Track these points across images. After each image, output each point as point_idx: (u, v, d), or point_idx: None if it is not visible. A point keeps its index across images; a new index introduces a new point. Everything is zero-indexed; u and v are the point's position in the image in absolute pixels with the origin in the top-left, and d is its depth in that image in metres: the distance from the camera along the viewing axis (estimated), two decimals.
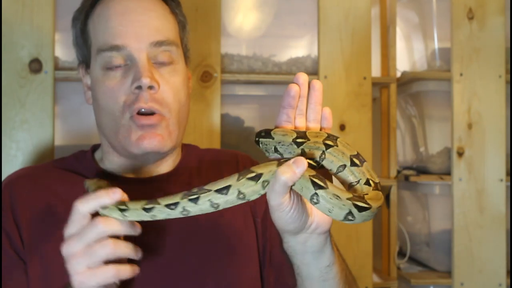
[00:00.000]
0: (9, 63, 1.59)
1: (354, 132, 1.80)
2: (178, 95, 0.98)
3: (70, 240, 0.75)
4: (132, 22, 0.95)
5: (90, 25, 1.00)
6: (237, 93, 1.90)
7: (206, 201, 0.72)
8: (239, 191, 0.71)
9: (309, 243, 0.82)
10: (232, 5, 1.88)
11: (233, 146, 1.89)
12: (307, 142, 0.75)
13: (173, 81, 0.98)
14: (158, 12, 0.99)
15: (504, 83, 1.90)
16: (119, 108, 0.95)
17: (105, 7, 0.98)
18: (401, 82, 2.04)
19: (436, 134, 2.05)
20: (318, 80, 0.80)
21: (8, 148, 1.59)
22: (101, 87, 0.97)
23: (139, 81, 0.92)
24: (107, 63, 0.96)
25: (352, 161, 0.74)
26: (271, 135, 0.78)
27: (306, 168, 0.69)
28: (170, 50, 0.98)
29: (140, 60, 0.94)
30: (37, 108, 1.60)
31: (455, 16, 1.89)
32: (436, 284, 1.94)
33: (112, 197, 0.75)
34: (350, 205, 0.68)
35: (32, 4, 1.60)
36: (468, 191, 1.89)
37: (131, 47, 0.94)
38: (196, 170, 1.08)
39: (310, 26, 1.88)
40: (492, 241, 1.88)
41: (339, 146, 0.75)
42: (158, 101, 0.95)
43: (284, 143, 0.76)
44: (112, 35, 0.95)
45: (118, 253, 0.75)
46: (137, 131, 0.94)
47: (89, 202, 0.75)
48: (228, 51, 1.86)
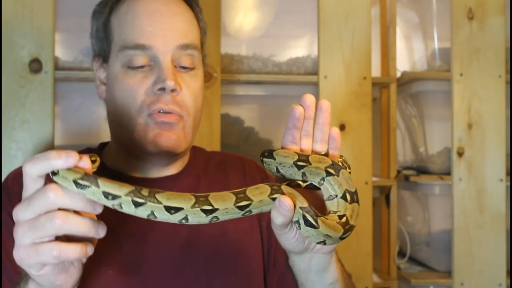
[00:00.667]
0: (9, 63, 1.59)
1: (354, 132, 1.80)
2: (196, 100, 0.99)
3: (19, 205, 0.67)
4: (160, 24, 0.96)
5: (115, 21, 1.00)
6: (237, 93, 1.90)
7: (147, 210, 0.66)
8: (185, 216, 0.68)
9: (314, 262, 0.83)
10: (232, 5, 1.88)
11: (233, 146, 1.89)
12: (308, 166, 0.75)
13: (193, 86, 0.99)
14: (185, 16, 1.00)
15: (504, 83, 1.90)
16: (137, 107, 0.95)
17: (133, 6, 0.98)
18: (401, 82, 2.04)
19: (436, 134, 2.05)
20: (326, 100, 0.78)
21: (8, 148, 1.59)
22: (120, 84, 0.97)
23: (163, 83, 0.93)
24: (130, 61, 0.96)
25: (344, 195, 0.74)
26: (273, 156, 0.78)
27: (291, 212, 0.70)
28: (193, 54, 0.99)
29: (165, 62, 0.95)
30: (37, 108, 1.60)
31: (455, 16, 1.89)
32: (436, 284, 1.94)
33: (65, 160, 0.63)
34: (337, 239, 0.72)
35: (32, 4, 1.60)
36: (468, 191, 1.89)
37: (157, 48, 0.95)
38: (203, 172, 1.09)
39: (310, 26, 1.88)
40: (492, 241, 1.88)
41: (339, 176, 0.74)
42: (178, 104, 0.95)
43: (285, 164, 0.76)
44: (138, 34, 0.95)
45: (68, 230, 0.64)
46: (155, 128, 0.95)
47: (37, 163, 0.65)
48: (228, 51, 1.86)
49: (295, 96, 1.97)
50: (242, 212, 0.70)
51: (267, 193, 0.71)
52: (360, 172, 1.80)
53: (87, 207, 0.65)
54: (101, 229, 0.68)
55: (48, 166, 0.64)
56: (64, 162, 0.63)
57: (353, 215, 0.74)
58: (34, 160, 0.65)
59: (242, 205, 0.70)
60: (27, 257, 0.65)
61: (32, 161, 0.65)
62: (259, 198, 0.70)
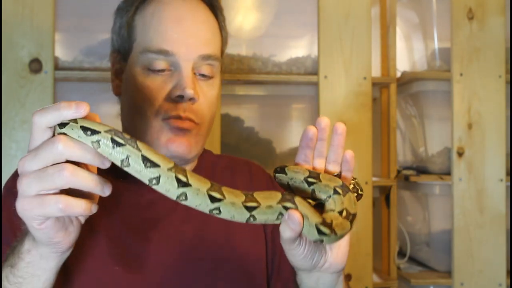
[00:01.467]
0: (9, 63, 1.59)
1: (354, 132, 1.80)
2: (212, 108, 1.00)
3: (27, 156, 0.64)
4: (184, 31, 0.96)
5: (139, 21, 0.99)
6: (237, 93, 1.90)
7: (123, 154, 0.64)
8: (158, 177, 0.64)
9: (321, 281, 0.82)
10: (232, 5, 1.88)
11: (233, 146, 1.89)
12: (318, 183, 0.76)
13: (210, 95, 0.99)
14: (209, 24, 1.00)
15: (504, 83, 1.90)
16: (154, 111, 0.95)
17: (160, 9, 0.98)
18: (401, 82, 2.04)
19: (436, 134, 2.05)
20: (341, 123, 0.78)
21: (8, 148, 1.59)
22: (138, 85, 0.97)
23: (183, 91, 0.93)
24: (150, 64, 0.96)
25: (341, 212, 0.74)
26: (285, 171, 0.78)
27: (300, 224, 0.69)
28: (213, 64, 0.99)
29: (186, 69, 0.95)
30: (37, 108, 1.59)
31: (455, 16, 1.89)
32: (436, 284, 1.94)
33: (76, 110, 0.62)
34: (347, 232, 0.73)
35: (32, 4, 1.60)
36: (468, 191, 1.89)
37: (180, 55, 0.95)
38: (210, 175, 1.09)
39: (310, 26, 1.88)
40: (492, 241, 1.88)
41: (345, 197, 0.74)
42: (194, 112, 0.96)
43: (296, 180, 0.77)
44: (163, 39, 0.95)
45: (76, 183, 0.63)
46: (168, 133, 0.95)
47: (47, 113, 0.63)
48: (228, 51, 1.86)
49: (295, 96, 1.97)
50: (245, 213, 0.68)
51: (277, 199, 0.70)
52: (360, 172, 1.80)
53: (95, 160, 0.64)
54: (107, 187, 0.66)
55: (59, 116, 0.63)
56: (75, 112, 0.62)
57: (351, 204, 0.74)
58: (44, 110, 0.64)
59: (249, 206, 0.68)
60: (31, 208, 0.64)
61: (41, 111, 0.64)
62: (267, 203, 0.69)
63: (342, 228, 0.71)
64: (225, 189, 0.68)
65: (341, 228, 0.71)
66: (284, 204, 0.70)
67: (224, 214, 0.68)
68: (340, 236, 0.71)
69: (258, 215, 0.69)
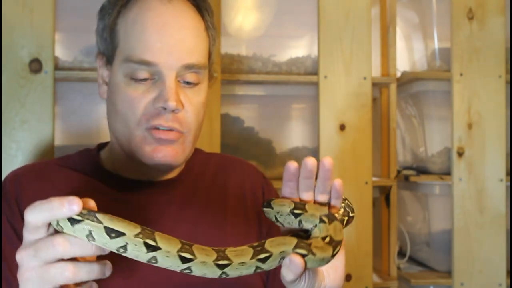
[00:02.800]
0: (9, 63, 1.59)
1: (354, 132, 1.80)
2: (199, 114, 0.98)
3: (25, 250, 0.65)
4: (168, 40, 0.93)
5: (121, 26, 0.96)
6: (237, 93, 1.90)
7: (84, 229, 0.63)
8: (125, 244, 0.64)
9: None
10: (232, 5, 1.88)
11: (233, 146, 1.89)
12: (304, 214, 0.75)
13: (196, 101, 0.97)
14: (193, 30, 0.96)
15: (504, 83, 1.90)
16: (136, 120, 0.94)
17: (142, 15, 0.94)
18: (401, 82, 2.04)
19: (436, 134, 2.05)
20: (329, 157, 0.77)
21: (8, 148, 1.59)
22: (120, 94, 0.95)
23: (165, 103, 0.91)
24: (133, 74, 0.93)
25: (324, 238, 0.73)
26: (271, 205, 0.78)
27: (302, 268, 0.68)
28: (199, 72, 0.97)
29: (168, 79, 0.92)
30: (37, 108, 1.60)
31: (455, 16, 1.89)
32: (436, 284, 1.94)
33: (68, 208, 0.62)
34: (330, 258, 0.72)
35: (32, 4, 1.60)
36: (468, 191, 1.89)
37: (162, 65, 0.92)
38: (202, 174, 1.08)
39: (310, 26, 1.88)
40: (492, 241, 1.88)
41: (330, 225, 0.74)
42: (179, 121, 0.94)
43: (282, 213, 0.77)
44: (145, 49, 0.92)
45: (79, 279, 0.65)
46: (152, 143, 0.93)
47: (40, 213, 0.63)
48: (228, 51, 1.86)
49: (295, 96, 1.97)
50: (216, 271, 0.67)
51: (249, 255, 0.69)
52: (360, 172, 1.80)
53: (97, 253, 0.65)
54: (108, 269, 0.68)
55: (52, 216, 0.63)
56: (68, 211, 0.63)
57: (336, 231, 0.73)
58: (36, 209, 0.63)
59: (221, 263, 0.67)
60: (35, 277, 0.65)
61: (34, 209, 0.64)
62: (240, 260, 0.68)
63: (322, 251, 0.70)
64: (196, 248, 0.67)
65: (321, 250, 0.70)
66: (258, 257, 0.69)
67: (196, 272, 0.67)
68: (321, 259, 0.70)
69: (230, 272, 0.68)
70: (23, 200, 0.96)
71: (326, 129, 1.80)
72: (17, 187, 0.98)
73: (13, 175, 1.01)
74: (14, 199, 0.96)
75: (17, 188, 0.98)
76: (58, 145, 1.68)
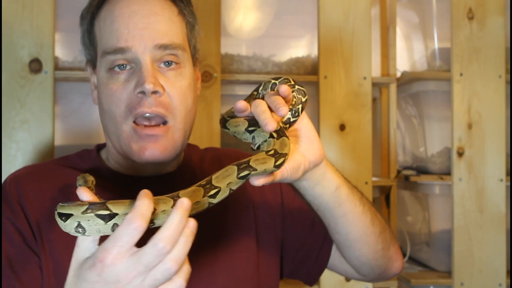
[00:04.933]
0: (9, 63, 1.59)
1: (354, 132, 1.80)
2: (184, 99, 0.97)
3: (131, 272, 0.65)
4: (136, 25, 0.94)
5: (96, 26, 0.99)
6: (237, 93, 1.90)
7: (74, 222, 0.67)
8: (79, 223, 0.66)
9: (311, 177, 0.90)
10: (232, 5, 1.88)
11: (233, 146, 1.89)
12: (257, 129, 0.83)
13: (179, 85, 0.96)
14: (164, 15, 0.97)
15: (504, 83, 1.90)
16: (121, 113, 0.94)
17: (111, 10, 0.96)
18: (401, 82, 2.04)
19: (436, 134, 2.05)
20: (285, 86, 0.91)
21: (8, 148, 1.59)
22: (104, 90, 0.96)
23: (142, 87, 0.91)
24: (111, 65, 0.94)
25: (271, 135, 0.81)
26: (227, 126, 0.87)
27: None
28: (176, 53, 0.96)
29: (144, 63, 0.93)
30: (37, 108, 1.60)
31: (455, 16, 1.89)
32: (436, 284, 1.94)
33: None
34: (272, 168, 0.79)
35: (32, 4, 1.60)
36: (468, 191, 1.89)
37: (136, 49, 0.93)
38: (199, 169, 1.09)
39: (310, 26, 1.88)
40: (492, 241, 1.88)
41: (278, 140, 0.80)
42: (163, 106, 0.94)
43: (239, 132, 0.85)
44: (116, 37, 0.94)
45: (182, 259, 0.67)
46: (138, 141, 0.94)
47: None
48: (228, 51, 1.86)
49: None
50: None
51: (200, 194, 0.73)
52: (360, 172, 1.80)
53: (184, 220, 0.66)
54: (192, 223, 0.67)
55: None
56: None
57: (282, 145, 0.79)
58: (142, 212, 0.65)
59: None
60: None
61: (140, 213, 0.65)
62: (194, 200, 0.72)
63: (262, 163, 0.76)
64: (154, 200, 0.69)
65: (262, 163, 0.76)
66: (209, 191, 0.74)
67: (158, 222, 0.69)
68: (263, 170, 0.76)
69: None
70: (25, 201, 0.96)
71: (326, 129, 1.80)
72: (18, 189, 0.98)
73: (12, 177, 1.01)
74: (17, 201, 0.96)
75: (18, 190, 0.98)
76: (58, 145, 1.68)
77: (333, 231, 1.00)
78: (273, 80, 0.94)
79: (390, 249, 1.06)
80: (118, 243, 0.64)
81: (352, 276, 1.11)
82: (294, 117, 0.86)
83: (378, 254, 1.03)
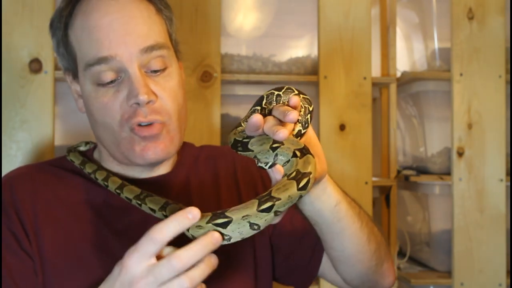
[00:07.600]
0: (9, 63, 1.59)
1: (354, 132, 1.80)
2: (176, 99, 0.96)
3: (142, 280, 0.70)
4: (116, 32, 0.91)
5: (72, 37, 0.96)
6: (237, 93, 1.90)
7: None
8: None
9: (312, 192, 0.86)
10: (232, 5, 1.88)
11: None
12: (281, 147, 0.76)
13: (169, 86, 0.95)
14: (143, 17, 0.95)
15: (504, 83, 1.90)
16: (117, 123, 0.93)
17: (87, 19, 0.93)
18: (401, 82, 2.04)
19: (436, 134, 2.05)
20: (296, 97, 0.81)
21: (8, 148, 1.59)
22: (94, 103, 0.94)
23: (136, 99, 0.90)
24: (98, 78, 0.92)
25: (294, 153, 0.75)
26: (249, 148, 0.79)
27: None
28: (162, 54, 0.95)
29: (133, 72, 0.91)
30: (37, 108, 1.60)
31: (455, 16, 1.89)
32: (436, 284, 1.94)
33: (193, 218, 0.71)
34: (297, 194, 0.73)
35: (32, 4, 1.60)
36: (468, 191, 1.89)
37: (121, 57, 0.91)
38: (194, 168, 1.09)
39: (310, 26, 1.88)
40: (492, 241, 1.88)
41: (301, 160, 0.74)
42: (158, 112, 0.93)
43: (263, 151, 0.77)
44: (97, 48, 0.91)
45: (195, 283, 0.71)
46: (140, 142, 0.93)
47: (168, 229, 0.71)
48: (228, 51, 1.86)
49: None
50: None
51: (206, 219, 0.71)
52: (360, 172, 1.80)
53: (207, 250, 0.70)
54: (214, 259, 0.72)
55: (181, 229, 0.70)
56: (193, 220, 0.70)
57: (306, 164, 0.73)
58: (164, 226, 0.70)
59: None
60: None
61: (162, 227, 0.70)
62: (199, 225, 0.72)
63: (285, 191, 0.70)
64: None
65: (283, 190, 0.70)
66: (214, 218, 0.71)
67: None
68: (288, 198, 0.70)
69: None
70: (20, 205, 0.96)
71: (326, 129, 1.80)
72: (12, 193, 0.97)
73: (6, 180, 1.00)
74: (12, 207, 0.96)
75: (12, 194, 0.97)
76: (58, 145, 1.68)
77: (329, 247, 0.98)
78: (276, 91, 0.85)
79: (383, 265, 1.03)
80: (139, 250, 0.70)
81: (341, 286, 1.08)
82: (304, 128, 0.81)
83: (370, 270, 1.00)
